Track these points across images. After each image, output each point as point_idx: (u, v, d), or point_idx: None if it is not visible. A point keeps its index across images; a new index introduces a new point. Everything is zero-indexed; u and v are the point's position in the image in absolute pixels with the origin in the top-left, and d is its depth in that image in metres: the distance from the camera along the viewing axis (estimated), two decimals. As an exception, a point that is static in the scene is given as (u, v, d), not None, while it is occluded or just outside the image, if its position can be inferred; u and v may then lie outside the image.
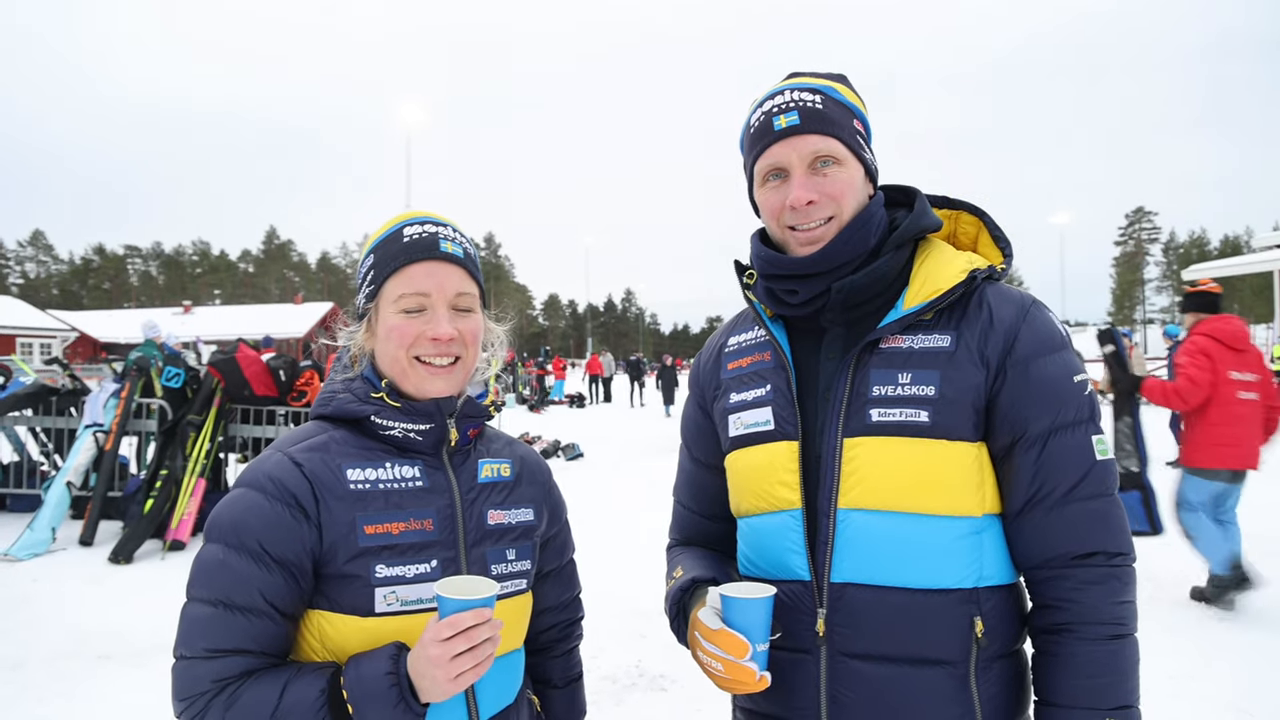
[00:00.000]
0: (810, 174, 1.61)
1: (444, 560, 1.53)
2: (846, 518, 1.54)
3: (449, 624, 1.33)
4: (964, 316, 1.58)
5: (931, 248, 1.67)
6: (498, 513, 1.64)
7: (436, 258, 1.58)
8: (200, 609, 1.44)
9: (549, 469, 1.84)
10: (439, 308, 1.57)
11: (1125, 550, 1.52)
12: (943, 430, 1.52)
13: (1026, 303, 1.60)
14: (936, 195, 1.78)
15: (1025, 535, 1.55)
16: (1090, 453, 1.53)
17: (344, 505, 1.48)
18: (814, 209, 1.60)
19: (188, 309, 71.10)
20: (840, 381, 1.59)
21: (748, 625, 1.45)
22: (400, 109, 40.04)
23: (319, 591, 1.49)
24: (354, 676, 1.38)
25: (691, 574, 1.70)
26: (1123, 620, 1.49)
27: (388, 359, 1.59)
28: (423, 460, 1.59)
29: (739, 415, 1.72)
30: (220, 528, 1.47)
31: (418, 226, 1.61)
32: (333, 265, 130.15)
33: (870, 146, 1.70)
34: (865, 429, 1.55)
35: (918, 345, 1.57)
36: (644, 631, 5.93)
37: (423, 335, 1.56)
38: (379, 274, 1.60)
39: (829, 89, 1.65)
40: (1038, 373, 1.54)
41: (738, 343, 1.81)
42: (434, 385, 1.58)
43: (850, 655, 1.54)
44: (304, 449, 1.53)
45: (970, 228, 1.76)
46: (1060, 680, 1.50)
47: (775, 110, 1.63)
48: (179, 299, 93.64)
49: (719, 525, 1.87)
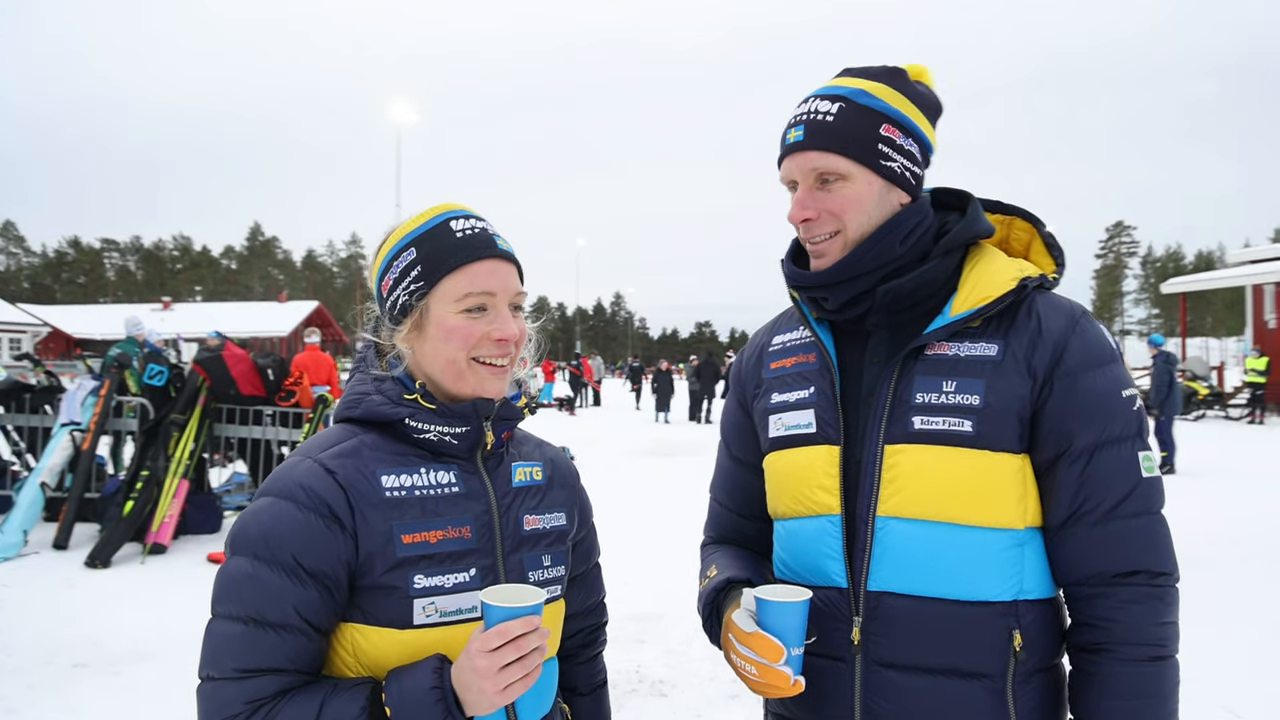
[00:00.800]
0: (813, 189, 1.60)
1: (482, 568, 1.48)
2: (885, 525, 1.52)
3: (497, 633, 1.28)
4: (1012, 325, 1.55)
5: (983, 254, 1.64)
6: (533, 518, 1.59)
7: (497, 255, 1.52)
8: (229, 626, 1.36)
9: (577, 471, 1.80)
10: (502, 307, 1.52)
11: (1169, 570, 1.49)
12: (986, 441, 1.49)
13: (1077, 313, 1.58)
14: (990, 200, 1.75)
15: (1067, 550, 1.52)
16: (1137, 469, 1.50)
17: (380, 514, 1.42)
18: (813, 225, 1.60)
19: (167, 305, 70.34)
20: (884, 387, 1.57)
21: (783, 629, 1.43)
22: (390, 107, 39.85)
23: (353, 604, 1.43)
24: (396, 691, 1.32)
25: (726, 574, 1.67)
26: (1164, 642, 1.46)
27: (440, 360, 1.51)
28: (458, 465, 1.53)
29: (780, 416, 1.70)
30: (249, 539, 1.39)
31: (464, 221, 1.53)
32: (318, 263, 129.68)
33: (909, 151, 1.61)
34: (907, 436, 1.53)
35: (964, 353, 1.55)
36: (642, 636, 5.91)
37: (487, 336, 1.50)
38: (432, 270, 1.50)
39: (857, 93, 1.59)
40: (1086, 385, 1.51)
41: (782, 342, 1.79)
42: (494, 386, 1.52)
43: (885, 665, 1.53)
44: (335, 455, 1.45)
45: (1023, 234, 1.74)
46: (1097, 700, 1.48)
47: (792, 122, 1.63)
48: (158, 295, 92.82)
49: (755, 525, 1.85)
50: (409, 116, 40.66)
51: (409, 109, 40.53)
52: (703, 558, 1.84)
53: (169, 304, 71.40)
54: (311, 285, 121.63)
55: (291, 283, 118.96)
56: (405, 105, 40.15)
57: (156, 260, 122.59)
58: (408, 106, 40.37)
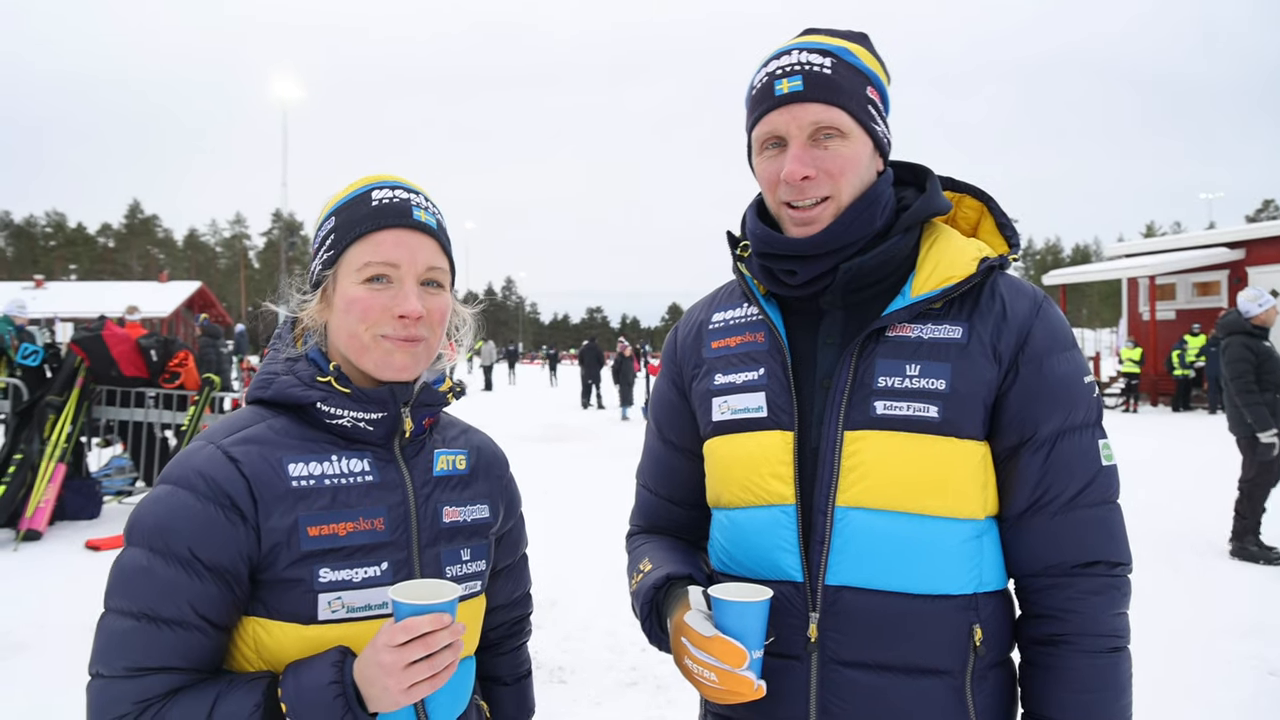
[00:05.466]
0: (809, 146, 1.47)
1: (395, 562, 1.41)
2: (845, 516, 1.44)
3: (404, 628, 1.21)
4: (976, 308, 1.49)
5: (938, 232, 1.57)
6: (453, 509, 1.52)
7: (409, 225, 1.44)
8: (120, 622, 1.29)
9: (506, 459, 1.72)
10: (407, 281, 1.43)
11: (1125, 560, 1.47)
12: (952, 427, 1.43)
13: (1039, 297, 1.52)
14: (943, 176, 1.67)
15: (1026, 540, 1.47)
16: (1097, 457, 1.47)
17: (285, 505, 1.35)
18: (809, 185, 1.47)
19: (40, 284, 66.50)
20: (843, 370, 1.48)
21: (743, 630, 1.34)
22: (275, 82, 38.40)
23: (255, 597, 1.36)
24: (293, 686, 1.25)
25: (664, 569, 1.57)
26: (1120, 633, 1.44)
27: (344, 334, 1.44)
28: (373, 452, 1.45)
29: (725, 399, 1.58)
30: (144, 530, 1.32)
31: (387, 190, 1.46)
32: (201, 243, 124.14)
33: (885, 118, 1.56)
34: (869, 422, 1.44)
35: (927, 335, 1.47)
36: (540, 622, 5.84)
37: (388, 310, 1.41)
38: (340, 239, 1.44)
39: (843, 50, 1.51)
40: (1051, 371, 1.46)
41: (724, 319, 1.67)
42: (397, 362, 1.43)
43: (843, 663, 1.44)
44: (239, 440, 1.38)
45: (971, 213, 1.67)
46: (1054, 693, 1.44)
47: (779, 73, 1.49)
48: (29, 273, 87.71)
49: (688, 513, 1.75)
50: (294, 91, 39.28)
51: (294, 84, 39.15)
52: (631, 549, 1.75)
53: (41, 282, 67.40)
54: (195, 265, 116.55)
55: (173, 262, 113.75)
56: (290, 80, 38.79)
57: (28, 237, 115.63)
58: (293, 82, 39.01)
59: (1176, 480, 11.45)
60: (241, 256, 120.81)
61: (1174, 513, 9.18)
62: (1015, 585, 1.53)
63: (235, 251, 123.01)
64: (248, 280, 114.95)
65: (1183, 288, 25.83)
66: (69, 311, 40.22)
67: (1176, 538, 8.17)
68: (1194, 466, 12.54)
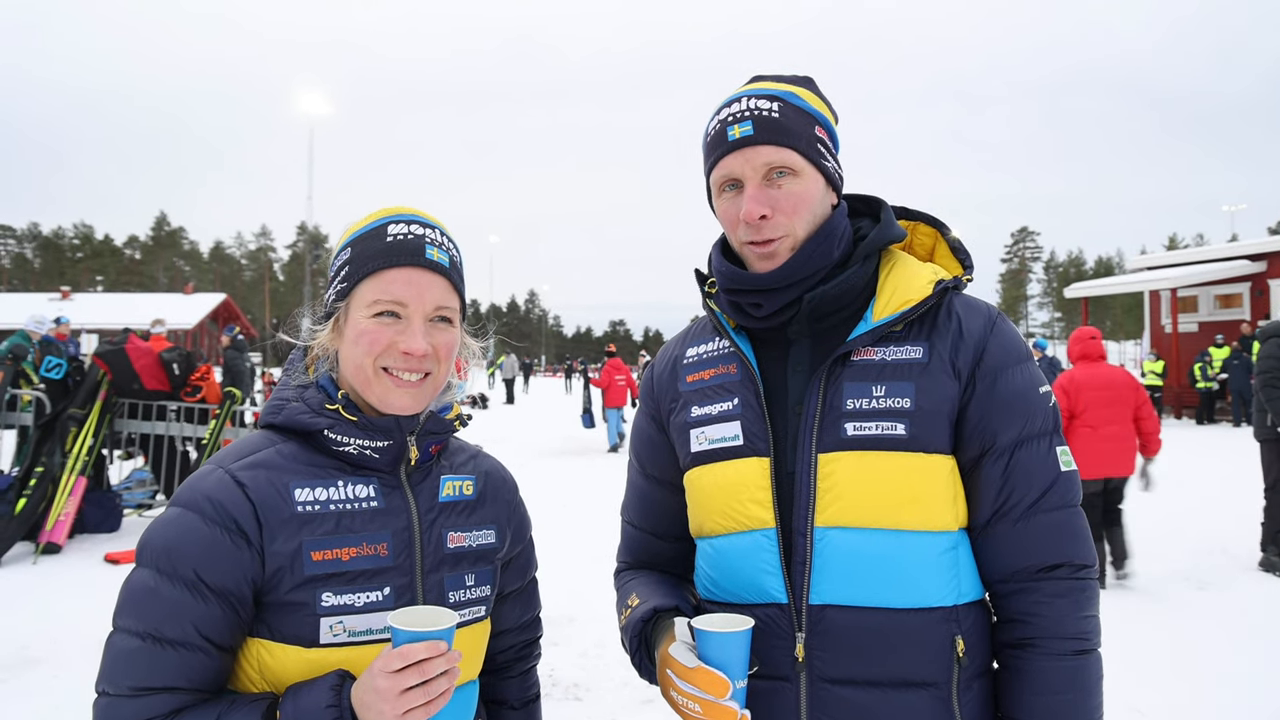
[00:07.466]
0: (764, 186, 1.55)
1: (398, 588, 1.43)
2: (824, 536, 1.49)
3: (400, 655, 1.23)
4: (934, 327, 1.56)
5: (895, 259, 1.65)
6: (458, 535, 1.54)
7: (420, 264, 1.47)
8: (127, 641, 1.32)
9: (514, 484, 1.74)
10: (415, 319, 1.46)
11: (1089, 562, 1.51)
12: (920, 443, 1.49)
13: (993, 314, 1.60)
14: (896, 205, 1.75)
15: (992, 547, 1.53)
16: (1056, 463, 1.53)
17: (290, 529, 1.38)
18: (766, 225, 1.54)
19: (65, 295, 67.34)
20: (812, 395, 1.54)
21: (726, 660, 1.36)
22: (302, 98, 38.88)
23: (259, 619, 1.39)
24: (292, 709, 1.28)
25: (651, 602, 1.60)
26: (1087, 635, 1.48)
27: (352, 364, 1.48)
28: (379, 478, 1.48)
29: (703, 430, 1.64)
30: (152, 551, 1.36)
31: (403, 225, 1.49)
32: (226, 255, 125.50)
33: (835, 154, 1.64)
34: (840, 444, 1.50)
35: (890, 357, 1.54)
36: (555, 639, 5.84)
37: (394, 345, 1.44)
38: (354, 272, 1.48)
39: (789, 95, 1.59)
40: (1006, 384, 1.53)
41: (697, 354, 1.73)
42: (398, 399, 1.46)
43: (831, 680, 1.48)
44: (247, 465, 1.41)
45: (927, 239, 1.75)
46: (1023, 696, 1.48)
47: (731, 119, 1.57)
48: (56, 284, 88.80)
49: (673, 546, 1.79)
50: (322, 107, 39.82)
51: (321, 100, 39.67)
52: (619, 586, 1.78)
53: (68, 294, 68.23)
54: (220, 277, 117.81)
55: (198, 274, 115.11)
56: (317, 96, 39.27)
57: (55, 248, 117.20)
58: (320, 97, 39.52)
59: (1201, 493, 11.27)
60: (266, 269, 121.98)
61: (1199, 526, 9.02)
62: (989, 593, 1.58)
63: (260, 264, 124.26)
64: (272, 293, 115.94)
65: (1205, 300, 25.66)
66: (95, 323, 40.58)
67: (1203, 554, 8.02)
68: (1218, 479, 12.37)
